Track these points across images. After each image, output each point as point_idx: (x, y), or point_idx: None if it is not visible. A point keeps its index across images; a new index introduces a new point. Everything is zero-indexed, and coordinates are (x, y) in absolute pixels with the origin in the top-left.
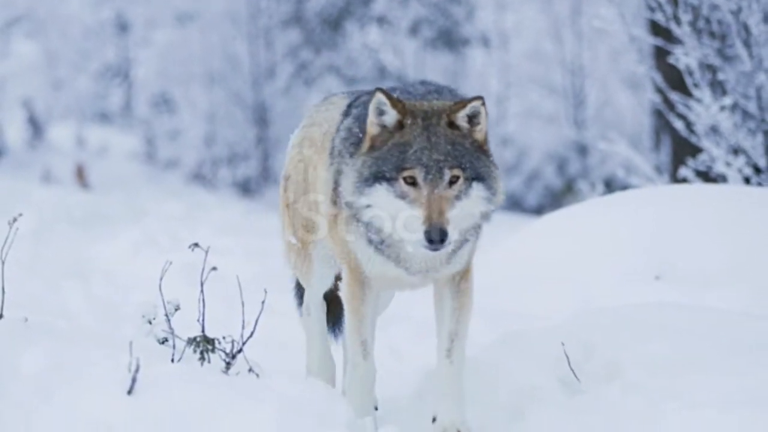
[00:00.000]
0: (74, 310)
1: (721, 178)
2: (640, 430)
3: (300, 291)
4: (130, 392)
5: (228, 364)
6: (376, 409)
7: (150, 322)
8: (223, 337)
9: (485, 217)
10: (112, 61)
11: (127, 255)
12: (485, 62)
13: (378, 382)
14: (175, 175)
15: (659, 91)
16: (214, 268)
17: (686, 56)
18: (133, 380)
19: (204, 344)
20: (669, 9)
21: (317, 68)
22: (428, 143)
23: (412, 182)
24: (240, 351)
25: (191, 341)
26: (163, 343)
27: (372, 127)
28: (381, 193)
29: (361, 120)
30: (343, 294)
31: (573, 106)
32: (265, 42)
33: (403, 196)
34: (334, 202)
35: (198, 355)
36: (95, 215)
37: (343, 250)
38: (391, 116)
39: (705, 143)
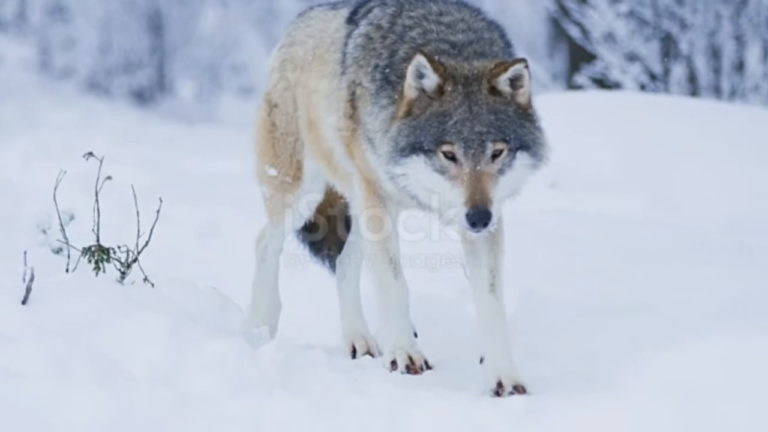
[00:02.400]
0: None
1: (616, 85)
2: (536, 336)
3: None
4: (24, 302)
5: (123, 274)
6: (416, 335)
7: (44, 232)
8: (118, 247)
9: (527, 182)
10: None
11: (21, 165)
12: None
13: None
14: (70, 84)
15: None
16: (109, 178)
17: None
18: (28, 290)
19: (99, 254)
20: None
21: None
22: (469, 113)
23: (452, 157)
24: (135, 260)
25: (86, 251)
26: (57, 252)
27: (409, 91)
28: (418, 166)
29: (383, 29)
30: (361, 212)
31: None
32: None
33: (441, 171)
34: (350, 116)
35: (93, 265)
36: None
37: (361, 166)
38: (432, 81)
39: (601, 50)
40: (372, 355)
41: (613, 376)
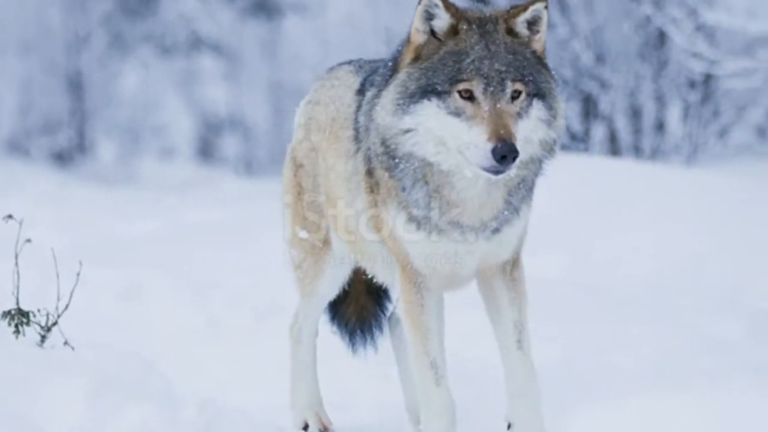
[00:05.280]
0: None
1: None
2: (459, 399)
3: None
4: None
5: (43, 338)
6: None
7: None
8: (38, 310)
9: (545, 147)
10: None
11: None
12: (302, 30)
13: (193, 348)
14: None
15: None
16: (29, 240)
17: None
18: None
19: (18, 317)
20: None
21: (133, 37)
22: (487, 51)
23: (469, 96)
24: (55, 324)
25: (5, 314)
26: None
27: (417, 36)
28: (430, 111)
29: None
30: (400, 305)
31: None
32: (80, 10)
33: (457, 113)
34: (371, 189)
35: (13, 329)
36: None
37: (391, 239)
38: (444, 21)
39: None
40: None
41: None
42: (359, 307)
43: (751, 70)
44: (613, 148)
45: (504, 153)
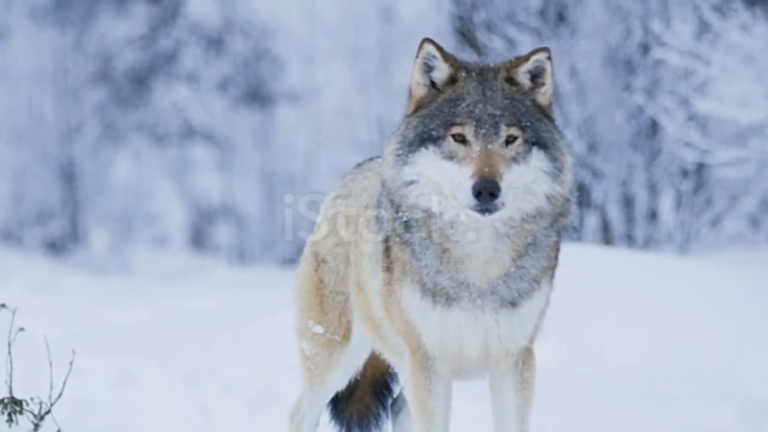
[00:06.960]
0: None
1: None
2: None
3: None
4: None
5: (36, 426)
6: None
7: None
8: (32, 398)
9: (553, 203)
10: None
11: None
12: (295, 119)
13: None
14: None
15: None
16: (22, 329)
17: None
18: None
19: (12, 406)
20: None
21: (125, 126)
22: (482, 96)
23: (462, 140)
24: (48, 412)
25: None
26: None
27: (418, 89)
28: (427, 158)
29: None
30: (408, 388)
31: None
32: (72, 100)
33: (450, 157)
34: (387, 268)
35: (6, 417)
36: None
37: (401, 321)
38: (443, 72)
39: None
40: None
41: None
42: (363, 407)
43: (744, 160)
44: (606, 237)
45: (480, 188)
